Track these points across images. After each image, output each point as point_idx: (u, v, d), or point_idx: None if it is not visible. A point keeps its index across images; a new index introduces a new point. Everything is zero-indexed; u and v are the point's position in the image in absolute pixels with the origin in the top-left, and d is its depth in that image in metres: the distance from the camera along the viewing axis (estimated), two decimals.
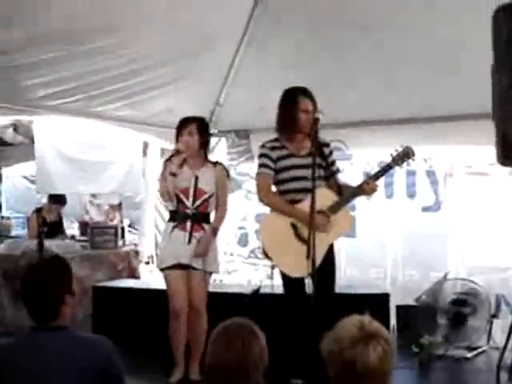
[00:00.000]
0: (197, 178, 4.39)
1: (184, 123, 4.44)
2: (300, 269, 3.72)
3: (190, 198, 4.37)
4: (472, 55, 4.65)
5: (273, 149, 4.14)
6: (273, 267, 4.19)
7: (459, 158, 6.33)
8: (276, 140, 4.18)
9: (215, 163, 4.55)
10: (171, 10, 4.65)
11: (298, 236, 3.92)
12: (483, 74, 2.84)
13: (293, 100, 4.05)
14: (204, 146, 4.50)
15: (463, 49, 4.74)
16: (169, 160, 4.40)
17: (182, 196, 4.38)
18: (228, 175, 4.62)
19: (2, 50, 4.25)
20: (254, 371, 2.12)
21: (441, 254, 6.37)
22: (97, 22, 4.42)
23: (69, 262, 2.58)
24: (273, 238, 4.05)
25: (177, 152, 4.37)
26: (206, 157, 4.54)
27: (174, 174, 4.30)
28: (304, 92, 4.07)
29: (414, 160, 4.09)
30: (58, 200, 7.47)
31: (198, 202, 4.37)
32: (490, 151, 2.59)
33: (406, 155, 4.03)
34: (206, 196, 4.39)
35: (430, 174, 6.41)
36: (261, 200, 4.23)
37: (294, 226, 3.95)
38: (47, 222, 7.22)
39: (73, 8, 4.15)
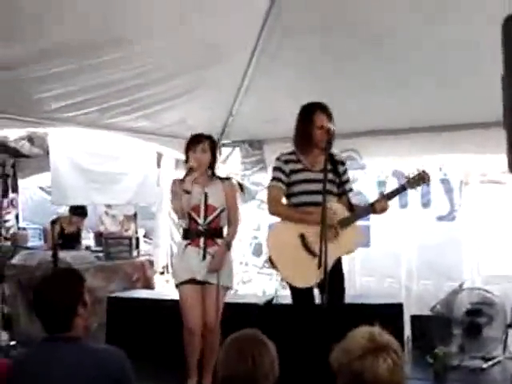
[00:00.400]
0: (206, 195, 4.41)
1: (197, 140, 4.48)
2: (305, 279, 3.75)
3: (201, 215, 4.40)
4: (485, 62, 4.63)
5: (287, 162, 4.15)
6: (280, 278, 4.17)
7: (474, 166, 6.30)
8: (292, 153, 4.20)
9: (222, 179, 4.59)
10: (183, 22, 4.67)
11: (305, 247, 3.92)
12: (496, 81, 2.82)
13: (309, 116, 4.06)
14: (212, 162, 4.55)
15: (476, 56, 4.71)
16: (182, 180, 4.42)
17: (193, 214, 4.40)
18: (242, 189, 4.64)
19: (15, 63, 4.28)
20: (264, 382, 2.12)
21: (456, 264, 6.33)
22: (109, 35, 4.44)
23: (83, 273, 2.61)
24: (279, 248, 4.04)
25: (190, 170, 4.39)
26: (213, 173, 4.57)
27: (188, 192, 4.33)
28: (321, 108, 4.07)
29: (428, 185, 4.11)
30: (79, 212, 7.52)
31: (209, 219, 4.40)
32: (505, 159, 2.57)
33: (421, 179, 4.05)
34: (216, 212, 4.42)
35: (445, 182, 6.37)
36: (270, 212, 4.25)
37: (301, 237, 3.95)
38: (65, 234, 7.29)
39: (85, 21, 4.17)
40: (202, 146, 4.44)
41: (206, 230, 4.39)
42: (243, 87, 6.04)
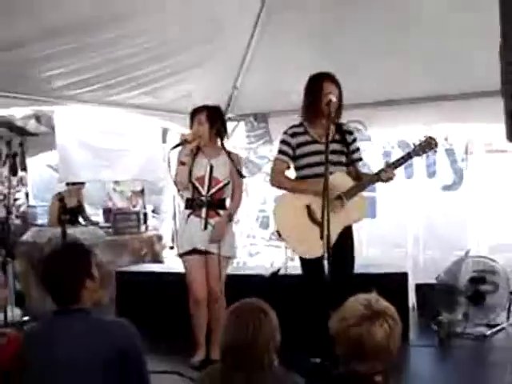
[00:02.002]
0: (211, 167, 4.43)
1: (194, 113, 4.49)
2: (312, 250, 3.75)
3: (205, 186, 4.42)
4: (490, 31, 4.61)
5: (293, 135, 4.13)
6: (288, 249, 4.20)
7: (478, 135, 6.29)
8: (300, 125, 4.17)
9: (229, 152, 4.55)
10: None
11: (311, 217, 3.92)
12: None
13: (317, 86, 4.02)
14: (218, 133, 4.51)
15: (480, 24, 4.69)
16: (175, 147, 4.45)
17: (197, 184, 4.43)
18: (240, 175, 4.57)
19: (19, 42, 4.29)
20: (265, 350, 2.18)
21: (462, 233, 6.37)
22: (113, 12, 4.45)
23: (93, 248, 2.65)
24: (286, 219, 4.07)
25: (185, 141, 4.41)
26: (222, 145, 4.54)
27: (183, 163, 4.36)
28: (329, 77, 4.04)
29: (435, 151, 4.07)
30: (75, 183, 7.53)
31: (212, 190, 4.43)
32: None
33: (428, 146, 4.00)
34: (220, 185, 4.45)
35: (450, 152, 6.37)
36: (272, 185, 4.27)
37: (307, 208, 3.96)
38: (67, 209, 7.33)
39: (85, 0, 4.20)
40: (198, 118, 4.44)
41: (209, 201, 4.42)
42: (246, 61, 6.07)
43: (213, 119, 4.47)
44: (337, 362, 3.37)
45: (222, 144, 4.56)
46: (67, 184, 7.48)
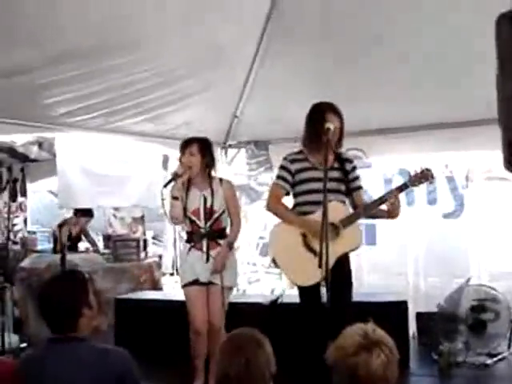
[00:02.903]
0: (205, 199, 4.45)
1: (184, 144, 4.52)
2: (307, 278, 3.76)
3: (202, 218, 4.44)
4: (487, 61, 4.64)
5: (293, 161, 4.15)
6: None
7: (479, 163, 6.30)
8: (300, 152, 4.20)
9: (221, 180, 4.60)
10: (185, 25, 4.73)
11: (307, 245, 3.93)
12: None
13: (319, 116, 4.02)
14: (208, 165, 4.54)
15: (480, 54, 4.72)
16: (169, 183, 4.49)
17: (193, 217, 4.45)
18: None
19: (23, 69, 4.34)
20: (260, 380, 2.16)
21: (462, 261, 6.33)
22: (114, 40, 4.51)
23: (92, 275, 2.66)
24: (282, 247, 4.07)
25: (176, 175, 4.44)
26: (209, 176, 4.56)
27: (176, 198, 4.38)
28: (331, 108, 4.06)
29: (431, 183, 4.10)
30: (85, 213, 7.59)
31: (210, 222, 4.44)
32: None
33: (424, 177, 4.02)
34: (216, 214, 4.46)
35: (450, 179, 6.37)
36: (268, 209, 4.26)
37: (303, 236, 3.97)
38: (72, 237, 7.37)
39: (91, 26, 4.24)
40: (189, 150, 4.46)
41: (208, 233, 4.43)
42: (247, 89, 6.10)
43: (204, 151, 4.51)
44: None
45: (210, 174, 4.57)
46: (75, 213, 7.51)
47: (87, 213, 7.66)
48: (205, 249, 4.43)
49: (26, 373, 2.42)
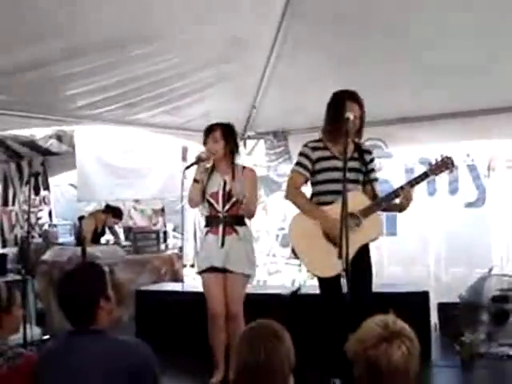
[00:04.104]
0: (225, 182, 4.44)
1: (208, 131, 4.51)
2: (328, 269, 3.73)
3: (220, 202, 4.42)
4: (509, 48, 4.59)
5: (314, 149, 4.12)
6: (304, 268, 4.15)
7: (501, 151, 6.22)
8: (319, 141, 4.16)
9: (244, 167, 4.60)
10: (203, 17, 4.70)
11: (327, 236, 3.89)
12: None
13: (339, 105, 3.98)
14: (231, 151, 4.53)
15: (504, 40, 4.65)
16: (187, 168, 4.52)
17: (212, 200, 4.44)
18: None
19: (41, 61, 4.34)
20: (279, 373, 2.13)
21: (485, 250, 6.27)
22: (134, 32, 4.49)
23: (113, 267, 2.66)
24: (301, 238, 4.05)
25: (199, 160, 4.43)
26: (233, 162, 4.55)
27: (196, 181, 4.38)
28: (352, 96, 4.02)
29: (451, 171, 4.05)
30: (115, 214, 7.65)
31: (228, 205, 4.41)
32: None
33: (444, 165, 3.98)
34: (234, 199, 4.41)
35: (472, 168, 6.30)
36: (286, 197, 4.23)
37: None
38: (97, 231, 7.43)
39: (110, 19, 4.23)
40: (213, 135, 4.45)
41: (225, 217, 4.41)
42: (265, 79, 6.06)
43: (227, 137, 4.50)
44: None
45: (234, 161, 4.56)
46: (104, 211, 7.52)
47: (117, 214, 7.70)
48: (221, 233, 4.40)
49: (45, 366, 2.43)
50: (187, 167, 4.51)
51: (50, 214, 9.19)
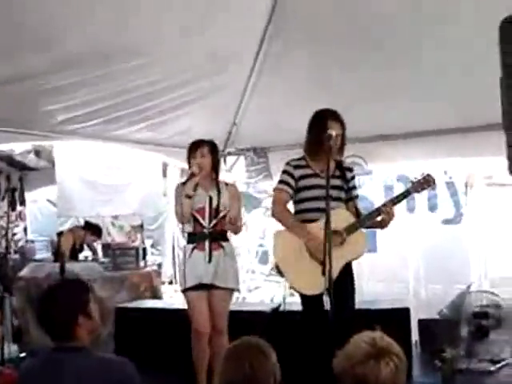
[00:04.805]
0: (211, 198, 4.44)
1: (195, 145, 4.52)
2: (312, 286, 3.72)
3: (206, 218, 4.41)
4: (492, 65, 4.64)
5: (296, 167, 4.12)
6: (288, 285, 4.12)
7: (479, 169, 6.30)
8: (301, 159, 4.17)
9: (226, 184, 4.63)
10: (185, 35, 4.72)
11: (311, 254, 3.87)
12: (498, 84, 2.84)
13: (321, 123, 4.00)
14: (215, 167, 4.57)
15: (483, 61, 4.71)
16: (184, 184, 4.46)
17: (198, 216, 4.42)
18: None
19: (21, 75, 4.32)
20: None
21: (463, 267, 6.33)
22: (114, 47, 4.49)
23: (91, 284, 2.63)
24: (286, 255, 4.02)
25: (191, 175, 4.44)
26: (217, 177, 4.59)
27: (189, 197, 4.36)
28: (333, 115, 4.03)
29: (433, 189, 4.08)
30: (94, 232, 7.56)
31: (214, 221, 4.41)
32: None
33: (426, 183, 4.00)
34: (221, 214, 4.43)
35: (450, 185, 6.37)
36: (273, 215, 4.21)
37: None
38: (75, 247, 7.34)
39: (90, 34, 4.23)
40: (200, 151, 4.47)
41: (211, 233, 4.40)
42: (246, 95, 6.08)
43: (213, 153, 4.56)
44: None
45: (217, 177, 4.60)
46: (83, 227, 7.44)
47: (96, 232, 7.62)
48: (207, 249, 4.39)
49: (26, 381, 2.39)
50: (183, 183, 4.48)
51: (25, 230, 9.09)
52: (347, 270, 3.98)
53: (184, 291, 4.46)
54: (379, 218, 4.00)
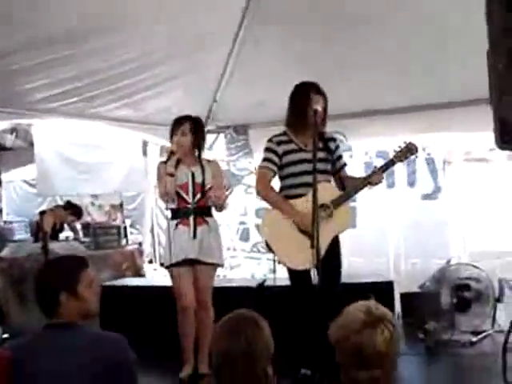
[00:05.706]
0: (193, 174, 4.42)
1: (177, 123, 4.48)
2: (302, 261, 3.74)
3: (190, 193, 4.40)
4: (469, 40, 4.67)
5: (279, 143, 4.09)
6: (277, 261, 4.13)
7: (457, 144, 6.37)
8: (284, 134, 4.14)
9: (208, 160, 4.60)
10: (166, 11, 4.65)
11: (300, 228, 3.89)
12: (478, 59, 2.85)
13: (304, 96, 3.97)
14: (198, 145, 4.53)
15: (460, 35, 4.73)
16: (165, 162, 4.42)
17: (181, 192, 4.39)
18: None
19: None
20: (259, 362, 2.13)
21: (443, 241, 6.42)
22: (93, 24, 4.41)
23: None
24: (275, 231, 4.03)
25: (171, 153, 4.40)
26: (199, 155, 4.55)
27: (171, 175, 4.34)
28: (315, 88, 4.01)
29: (416, 156, 4.10)
30: (74, 212, 7.48)
31: (198, 196, 4.40)
32: (489, 137, 2.61)
33: (408, 151, 4.04)
34: (205, 189, 4.41)
35: (429, 161, 6.43)
36: (258, 193, 4.21)
37: None
38: (55, 227, 7.28)
39: (69, 10, 4.15)
40: (181, 129, 4.43)
41: (195, 208, 4.39)
42: (226, 73, 6.04)
43: (195, 130, 4.49)
44: (327, 373, 3.38)
45: (200, 155, 4.56)
46: (64, 207, 7.37)
47: (77, 212, 7.54)
48: (192, 224, 4.38)
49: (20, 360, 2.37)
50: (164, 162, 4.44)
51: (0, 211, 8.99)
52: (335, 243, 4.02)
53: (168, 267, 4.47)
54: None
